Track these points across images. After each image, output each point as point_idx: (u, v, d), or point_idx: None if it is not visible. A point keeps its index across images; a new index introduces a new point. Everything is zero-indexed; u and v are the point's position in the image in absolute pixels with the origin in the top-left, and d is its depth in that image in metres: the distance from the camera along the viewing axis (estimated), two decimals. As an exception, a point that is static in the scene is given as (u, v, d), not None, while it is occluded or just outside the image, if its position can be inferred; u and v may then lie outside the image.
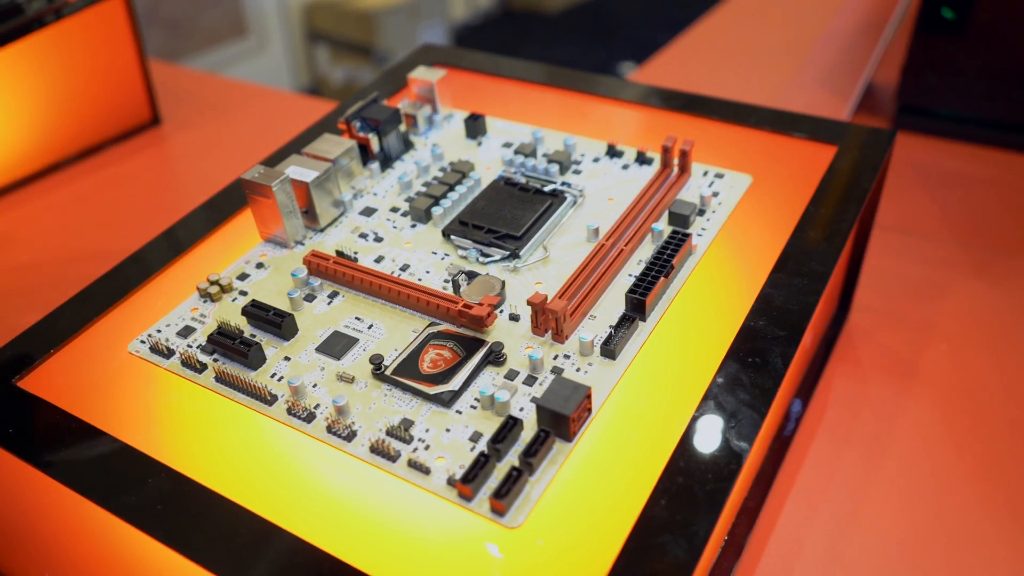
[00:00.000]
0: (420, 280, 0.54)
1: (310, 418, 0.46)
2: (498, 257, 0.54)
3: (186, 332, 0.52)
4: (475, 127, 0.66)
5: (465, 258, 0.55)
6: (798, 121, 0.66)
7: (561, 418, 0.42)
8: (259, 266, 0.56)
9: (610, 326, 0.49)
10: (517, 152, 0.63)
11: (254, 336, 0.51)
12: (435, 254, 0.56)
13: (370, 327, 0.51)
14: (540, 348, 0.48)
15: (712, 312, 0.50)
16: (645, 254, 0.54)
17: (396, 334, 0.50)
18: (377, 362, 0.48)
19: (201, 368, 0.49)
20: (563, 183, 0.60)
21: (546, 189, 0.59)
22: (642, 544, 0.39)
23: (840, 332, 0.69)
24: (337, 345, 0.50)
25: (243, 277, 0.56)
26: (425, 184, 0.61)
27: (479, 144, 0.66)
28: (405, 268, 0.55)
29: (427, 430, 0.44)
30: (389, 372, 0.47)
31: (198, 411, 0.48)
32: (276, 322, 0.50)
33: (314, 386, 0.48)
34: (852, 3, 1.23)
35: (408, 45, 2.38)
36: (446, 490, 0.42)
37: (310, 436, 0.45)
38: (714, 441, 0.43)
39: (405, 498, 0.42)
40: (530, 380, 0.46)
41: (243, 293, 0.54)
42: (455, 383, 0.46)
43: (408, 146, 0.66)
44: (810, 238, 0.55)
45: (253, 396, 0.47)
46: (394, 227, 0.58)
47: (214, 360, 0.50)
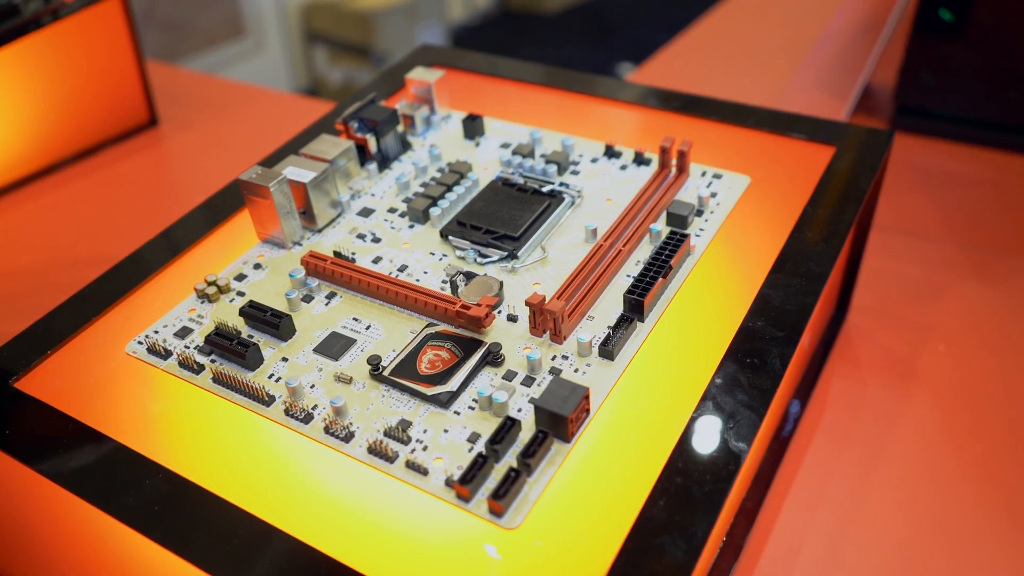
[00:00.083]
0: (418, 281, 0.54)
1: (308, 419, 0.46)
2: (496, 258, 0.54)
3: (183, 333, 0.52)
4: (473, 128, 0.66)
5: (463, 259, 0.55)
6: (796, 122, 0.66)
7: (559, 419, 0.42)
8: (257, 267, 0.56)
9: (608, 327, 0.49)
10: (515, 153, 0.63)
11: (252, 337, 0.51)
12: (433, 255, 0.56)
13: (368, 328, 0.51)
14: (538, 349, 0.48)
15: (710, 313, 0.50)
16: (643, 255, 0.54)
17: (394, 335, 0.50)
18: (375, 363, 0.47)
19: (199, 369, 0.49)
20: (561, 184, 0.60)
21: (544, 190, 0.59)
22: (641, 545, 0.39)
23: (838, 333, 0.69)
24: (335, 346, 0.50)
25: (241, 278, 0.55)
26: (423, 185, 0.61)
27: (477, 145, 0.66)
28: (403, 269, 0.55)
29: (425, 431, 0.44)
30: (387, 373, 0.47)
31: (196, 412, 0.48)
32: (274, 323, 0.50)
33: (312, 387, 0.48)
34: (850, 4, 1.23)
35: (406, 46, 2.38)
36: (444, 491, 0.42)
37: (308, 437, 0.45)
38: (712, 442, 0.43)
39: (403, 499, 0.42)
40: (528, 381, 0.46)
41: (241, 294, 0.54)
42: (453, 384, 0.46)
43: (406, 147, 0.66)
44: (808, 239, 0.55)
45: (251, 397, 0.47)
46: (392, 228, 0.58)
47: (212, 361, 0.50)
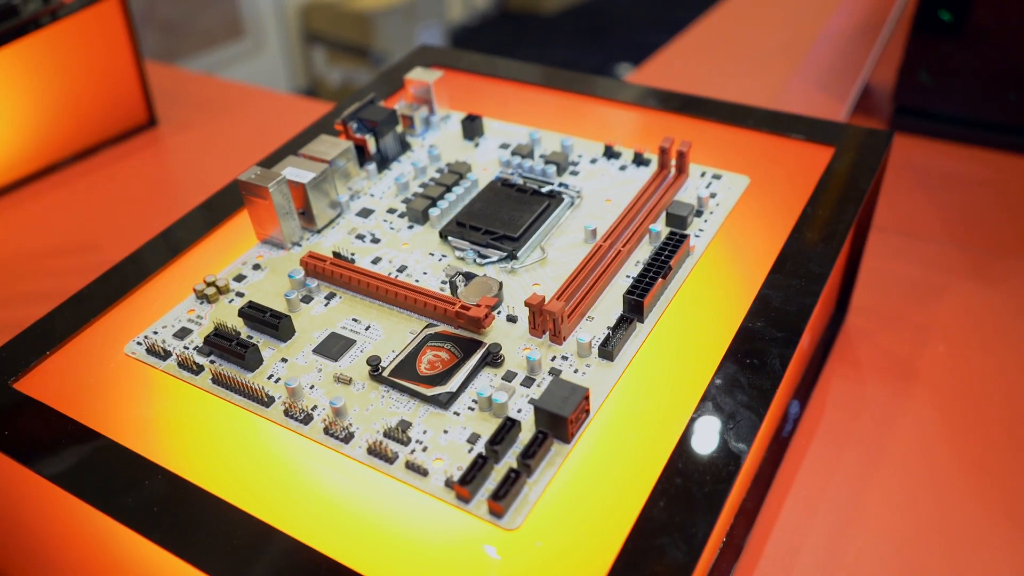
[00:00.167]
0: (417, 281, 0.54)
1: (307, 420, 0.46)
2: (495, 258, 0.54)
3: (183, 334, 0.52)
4: (472, 128, 0.66)
5: (462, 259, 0.55)
6: (795, 122, 0.66)
7: (559, 419, 0.42)
8: (256, 267, 0.56)
9: (608, 327, 0.49)
10: (514, 153, 0.63)
11: (251, 338, 0.51)
12: (432, 255, 0.56)
13: (367, 328, 0.51)
14: (538, 349, 0.48)
15: (710, 313, 0.50)
16: (643, 255, 0.54)
17: (393, 335, 0.50)
18: (374, 363, 0.47)
19: (198, 370, 0.49)
20: (560, 184, 0.60)
21: (543, 190, 0.59)
22: (641, 546, 0.39)
23: (838, 333, 0.69)
24: (334, 346, 0.50)
25: (240, 278, 0.55)
26: (422, 185, 0.61)
27: (476, 145, 0.66)
28: (402, 269, 0.55)
29: (425, 432, 0.44)
30: (386, 373, 0.47)
31: (195, 413, 0.47)
32: (273, 323, 0.50)
33: (311, 388, 0.47)
34: (849, 4, 1.23)
35: (405, 46, 2.38)
36: (444, 492, 0.42)
37: (307, 438, 0.45)
38: (712, 442, 0.43)
39: (403, 500, 0.42)
40: (528, 381, 0.46)
41: (240, 294, 0.54)
42: (453, 384, 0.46)
43: (405, 147, 0.66)
44: (808, 239, 0.55)
45: (250, 398, 0.47)
46: (391, 228, 0.58)
47: (211, 362, 0.50)
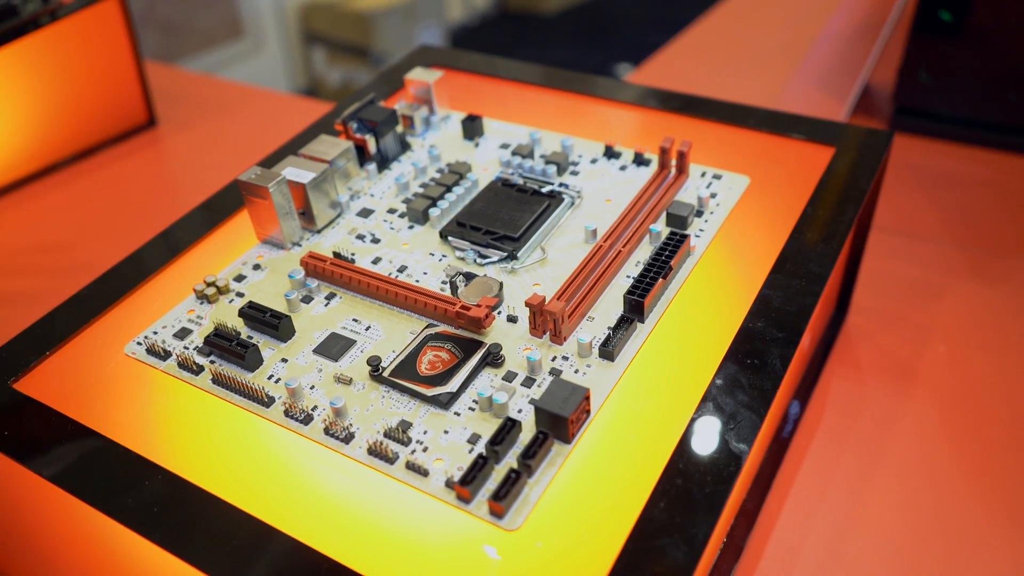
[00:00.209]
0: (418, 281, 0.54)
1: (307, 420, 0.46)
2: (496, 258, 0.54)
3: (183, 334, 0.52)
4: (472, 128, 0.66)
5: (463, 259, 0.55)
6: (796, 122, 0.66)
7: (560, 420, 0.42)
8: (256, 268, 0.56)
9: (608, 327, 0.49)
10: (514, 153, 0.63)
11: (251, 338, 0.50)
12: (433, 255, 0.56)
13: (368, 329, 0.51)
14: (538, 350, 0.48)
15: (710, 313, 0.50)
16: (643, 255, 0.54)
17: (394, 336, 0.50)
18: (375, 364, 0.47)
19: (198, 370, 0.49)
20: (561, 184, 0.60)
21: (544, 190, 0.59)
22: (641, 546, 0.38)
23: (838, 334, 0.69)
24: (334, 347, 0.50)
25: (240, 279, 0.55)
26: (422, 185, 0.61)
27: (476, 145, 0.66)
28: (403, 269, 0.55)
29: (425, 432, 0.44)
30: (387, 374, 0.47)
31: (195, 413, 0.47)
32: (273, 324, 0.50)
33: (311, 388, 0.47)
34: (849, 4, 1.23)
35: (405, 46, 2.38)
36: (444, 492, 0.42)
37: (307, 438, 0.45)
38: (713, 443, 0.43)
39: (403, 500, 0.42)
40: (528, 382, 0.46)
41: (240, 295, 0.54)
42: (453, 385, 0.46)
43: (405, 147, 0.66)
44: (808, 239, 0.55)
45: (250, 398, 0.47)
46: (391, 228, 0.58)
47: (211, 362, 0.50)
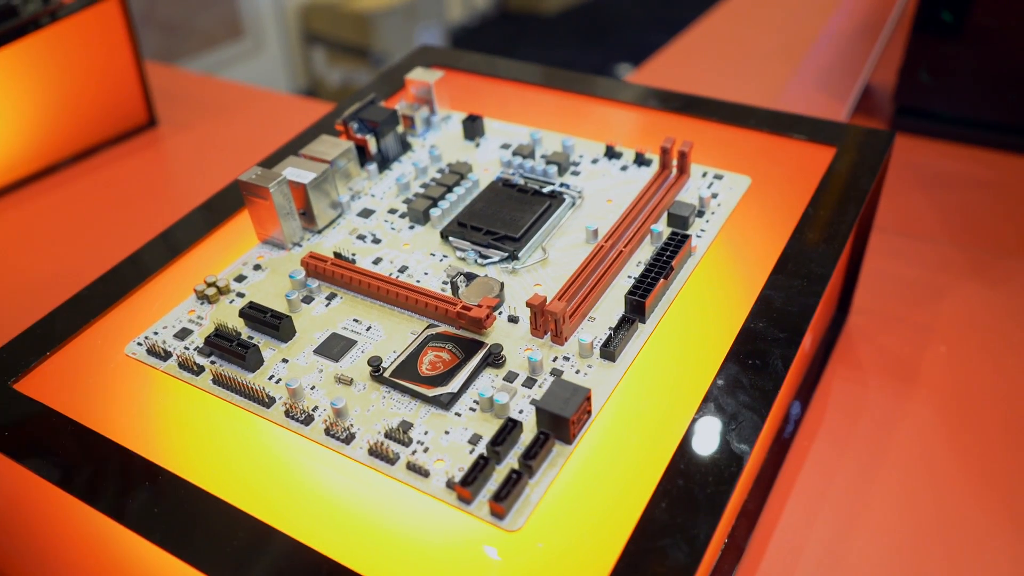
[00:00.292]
0: (418, 282, 0.54)
1: (308, 420, 0.46)
2: (497, 259, 0.54)
3: (183, 334, 0.52)
4: (473, 128, 0.66)
5: (464, 260, 0.55)
6: (797, 123, 0.66)
7: (561, 420, 0.42)
8: (256, 268, 0.56)
9: (609, 328, 0.49)
10: (515, 153, 0.63)
11: (252, 338, 0.50)
12: (433, 256, 0.56)
13: (368, 329, 0.51)
14: (539, 350, 0.48)
15: (712, 314, 0.50)
16: (644, 255, 0.54)
17: (394, 336, 0.50)
18: (375, 364, 0.47)
19: (198, 370, 0.49)
20: (562, 184, 0.60)
21: (544, 190, 0.59)
22: (643, 547, 0.38)
23: (839, 334, 0.69)
24: (335, 347, 0.50)
25: (240, 279, 0.55)
26: (423, 185, 0.61)
27: (477, 145, 0.66)
28: (403, 270, 0.55)
29: (426, 432, 0.44)
30: (388, 374, 0.47)
31: (195, 414, 0.47)
32: (274, 324, 0.50)
33: (312, 388, 0.47)
34: (849, 5, 1.23)
35: (405, 47, 2.38)
36: (445, 493, 0.42)
37: (308, 439, 0.45)
38: (714, 443, 0.43)
39: (404, 501, 0.42)
40: (529, 382, 0.46)
41: (240, 295, 0.54)
42: (454, 385, 0.46)
43: (406, 147, 0.66)
44: (809, 240, 0.54)
45: (251, 398, 0.47)
46: (392, 229, 0.58)
47: (211, 362, 0.49)
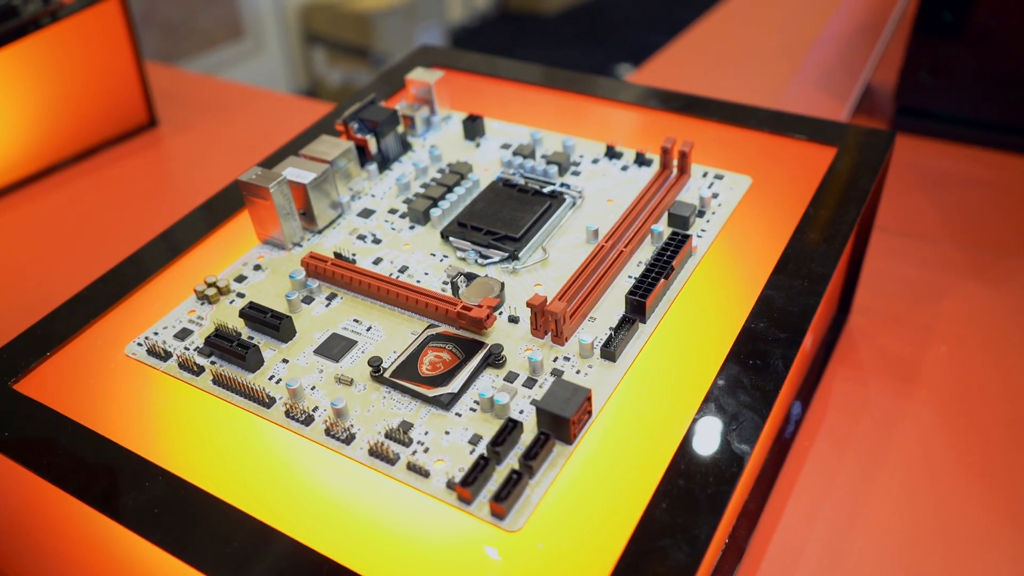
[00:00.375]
0: (419, 282, 0.54)
1: (308, 421, 0.46)
2: (497, 259, 0.54)
3: (183, 334, 0.52)
4: (473, 128, 0.66)
5: (464, 260, 0.55)
6: (797, 123, 0.66)
7: (561, 420, 0.42)
8: (257, 268, 0.56)
9: (610, 328, 0.49)
10: (516, 153, 0.63)
11: (252, 338, 0.50)
12: (434, 256, 0.56)
13: (369, 329, 0.51)
14: (540, 350, 0.48)
15: (712, 314, 0.50)
16: (645, 256, 0.54)
17: (395, 336, 0.50)
18: (376, 364, 0.47)
19: (198, 371, 0.49)
20: (562, 184, 0.59)
21: (545, 190, 0.59)
22: (643, 547, 0.38)
23: (840, 334, 0.69)
24: (335, 347, 0.50)
25: (241, 279, 0.55)
26: (423, 186, 0.61)
27: (477, 145, 0.66)
28: (404, 270, 0.55)
29: (426, 433, 0.44)
30: (388, 374, 0.47)
31: (196, 414, 0.47)
32: (274, 324, 0.50)
33: (312, 388, 0.47)
34: (850, 5, 1.23)
35: (405, 47, 2.38)
36: (445, 493, 0.41)
37: (308, 439, 0.45)
38: (715, 444, 0.43)
39: (404, 501, 0.42)
40: (530, 382, 0.46)
41: (241, 295, 0.54)
42: (454, 385, 0.46)
43: (406, 147, 0.66)
44: (810, 240, 0.54)
45: (251, 399, 0.47)
46: (392, 229, 0.58)
47: (211, 363, 0.49)
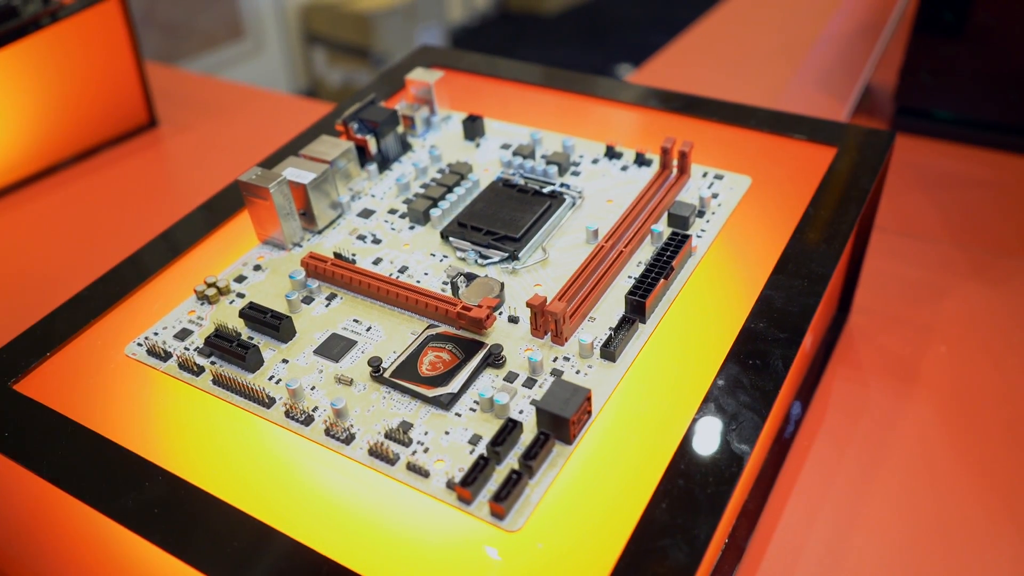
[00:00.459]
0: (419, 282, 0.54)
1: (308, 421, 0.46)
2: (497, 259, 0.54)
3: (183, 335, 0.52)
4: (473, 128, 0.66)
5: (464, 260, 0.55)
6: (797, 123, 0.66)
7: (561, 421, 0.42)
8: (256, 268, 0.56)
9: (610, 328, 0.49)
10: (515, 153, 0.63)
11: (252, 339, 0.50)
12: (433, 256, 0.56)
13: (368, 329, 0.51)
14: (539, 350, 0.48)
15: (712, 314, 0.50)
16: (644, 256, 0.54)
17: (395, 336, 0.50)
18: (375, 364, 0.47)
19: (198, 371, 0.49)
20: (562, 184, 0.60)
21: (545, 190, 0.59)
22: (643, 547, 0.38)
23: (840, 334, 0.69)
24: (335, 347, 0.50)
25: (240, 279, 0.55)
26: (423, 186, 0.61)
27: (477, 146, 0.66)
28: (403, 270, 0.55)
29: (426, 433, 0.44)
30: (388, 374, 0.47)
31: (195, 414, 0.47)
32: (274, 324, 0.50)
33: (312, 389, 0.47)
34: (850, 5, 1.23)
35: (405, 47, 2.38)
36: (445, 493, 0.41)
37: (308, 439, 0.45)
38: (715, 443, 0.43)
39: (404, 501, 0.42)
40: (529, 382, 0.46)
41: (241, 295, 0.54)
42: (454, 385, 0.46)
43: (406, 148, 0.66)
44: (810, 240, 0.54)
45: (251, 399, 0.47)
46: (392, 229, 0.58)
47: (211, 363, 0.49)
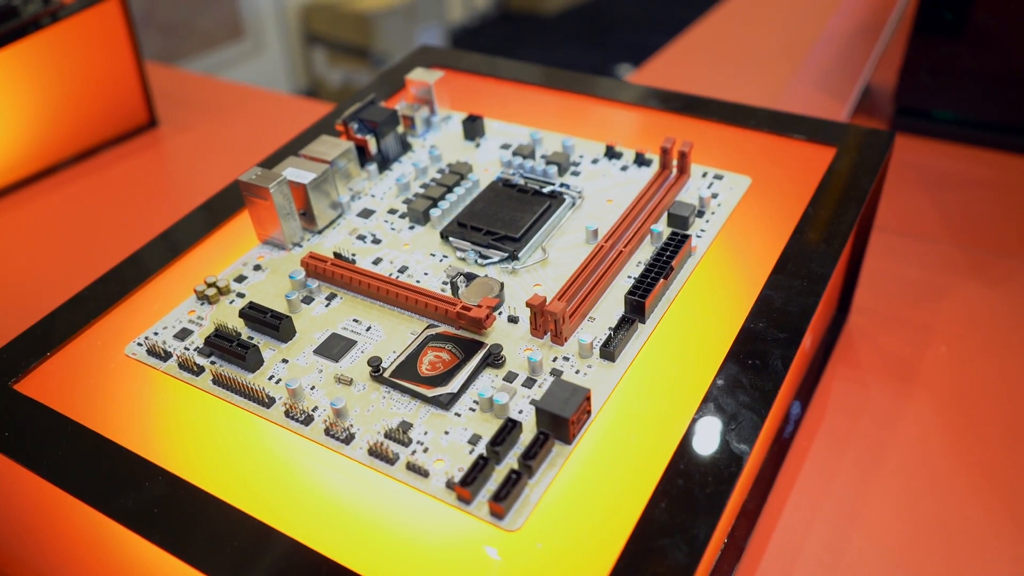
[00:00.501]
0: (418, 282, 0.54)
1: (308, 421, 0.46)
2: (497, 259, 0.54)
3: (183, 335, 0.52)
4: (473, 128, 0.66)
5: (463, 260, 0.55)
6: (797, 123, 0.66)
7: (560, 420, 0.42)
8: (256, 268, 0.56)
9: (609, 328, 0.49)
10: (515, 153, 0.63)
11: (252, 338, 0.50)
12: (433, 256, 0.56)
13: (368, 329, 0.51)
14: (539, 350, 0.48)
15: (712, 314, 0.50)
16: (644, 256, 0.54)
17: (394, 336, 0.50)
18: (375, 364, 0.47)
19: (198, 371, 0.49)
20: (562, 184, 0.60)
21: (545, 190, 0.59)
22: (642, 547, 0.38)
23: (839, 334, 0.69)
24: (335, 347, 0.50)
25: (240, 279, 0.55)
26: (423, 186, 0.61)
27: (477, 146, 0.66)
28: (403, 270, 0.55)
29: (426, 432, 0.44)
30: (387, 374, 0.47)
31: (195, 414, 0.47)
32: (274, 324, 0.50)
33: (312, 388, 0.47)
34: (849, 5, 1.23)
35: (405, 47, 2.38)
36: (445, 493, 0.42)
37: (308, 439, 0.45)
38: (714, 443, 0.43)
39: (403, 501, 0.42)
40: (529, 382, 0.46)
41: (240, 295, 0.54)
42: (454, 385, 0.46)
43: (406, 148, 0.66)
44: (810, 240, 0.54)
45: (250, 399, 0.47)
46: (392, 229, 0.58)
47: (211, 363, 0.49)
